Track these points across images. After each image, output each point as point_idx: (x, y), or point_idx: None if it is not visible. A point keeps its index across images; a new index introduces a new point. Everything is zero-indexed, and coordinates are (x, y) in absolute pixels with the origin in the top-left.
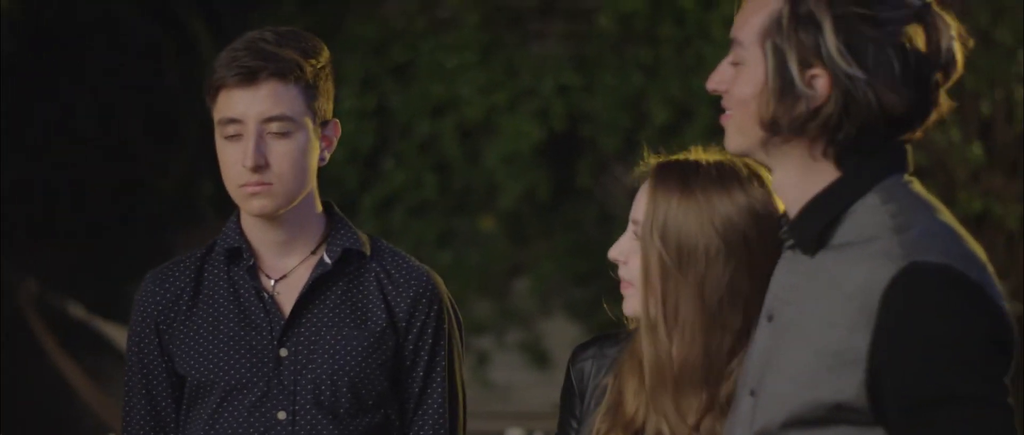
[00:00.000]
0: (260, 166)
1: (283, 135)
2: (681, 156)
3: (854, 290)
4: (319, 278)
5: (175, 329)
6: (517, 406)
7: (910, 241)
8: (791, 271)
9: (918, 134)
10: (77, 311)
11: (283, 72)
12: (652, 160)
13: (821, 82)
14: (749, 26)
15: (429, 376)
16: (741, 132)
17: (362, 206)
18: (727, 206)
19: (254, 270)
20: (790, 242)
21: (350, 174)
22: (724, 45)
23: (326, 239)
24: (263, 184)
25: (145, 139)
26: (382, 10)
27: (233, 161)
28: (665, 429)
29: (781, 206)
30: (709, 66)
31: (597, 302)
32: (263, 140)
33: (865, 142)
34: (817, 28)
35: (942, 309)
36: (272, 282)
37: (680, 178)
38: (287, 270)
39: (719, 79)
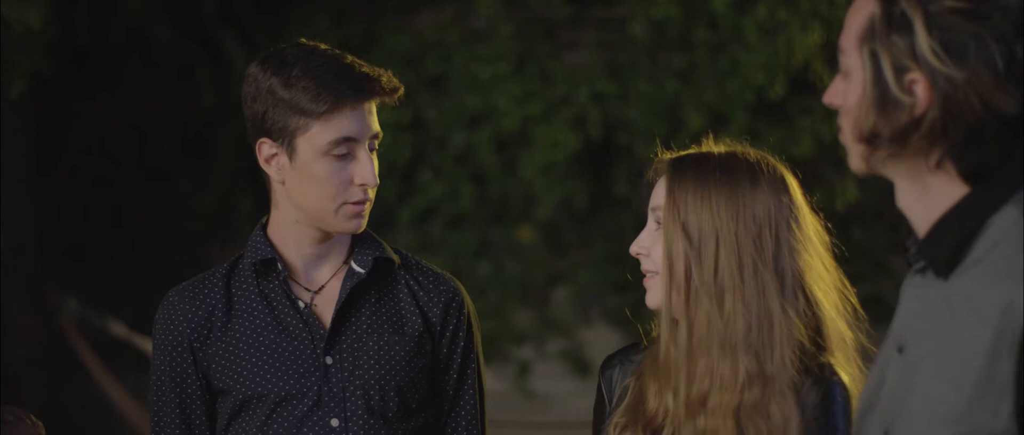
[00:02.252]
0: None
1: (374, 150)
2: (693, 150)
3: (995, 312)
4: (355, 287)
5: (210, 346)
6: (559, 415)
7: None
8: (921, 297)
9: None
10: (119, 330)
11: (384, 89)
12: (666, 155)
13: (920, 87)
14: (849, 31)
15: (462, 378)
16: (850, 150)
17: (400, 219)
18: (740, 194)
19: (286, 282)
20: (920, 264)
21: (387, 187)
22: (758, 50)
23: (352, 250)
24: (367, 201)
25: (181, 157)
26: (415, 22)
27: (341, 179)
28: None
29: (798, 193)
30: (743, 71)
31: (637, 309)
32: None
33: (987, 151)
34: (910, 28)
35: None
36: (309, 293)
37: (696, 170)
38: (321, 281)
39: (833, 93)
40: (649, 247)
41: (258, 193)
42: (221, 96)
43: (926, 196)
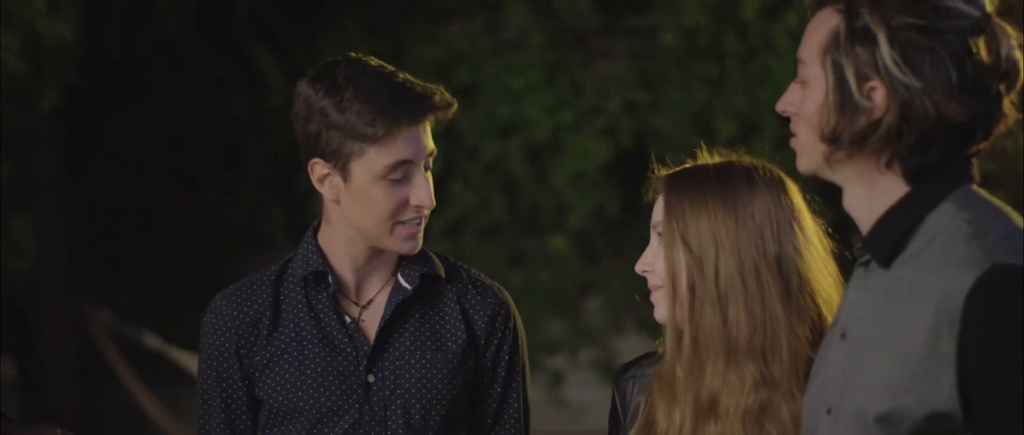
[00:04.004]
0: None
1: (428, 168)
2: (688, 164)
3: (935, 296)
4: (401, 304)
5: (256, 352)
6: (592, 425)
7: (990, 244)
8: (864, 287)
9: (984, 145)
10: (152, 340)
11: (438, 106)
12: (662, 172)
13: (879, 94)
14: (810, 44)
15: (507, 390)
16: (807, 151)
17: (432, 229)
18: (739, 201)
19: (335, 295)
20: (864, 258)
21: None
22: (788, 57)
23: (399, 263)
24: (420, 220)
25: (212, 167)
26: (446, 32)
27: (397, 202)
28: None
29: (798, 197)
30: (774, 78)
31: None
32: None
33: (931, 154)
34: (873, 41)
35: None
36: (358, 308)
37: (690, 182)
38: (369, 295)
39: (788, 101)
40: (653, 263)
41: (289, 202)
42: (252, 106)
43: (873, 196)
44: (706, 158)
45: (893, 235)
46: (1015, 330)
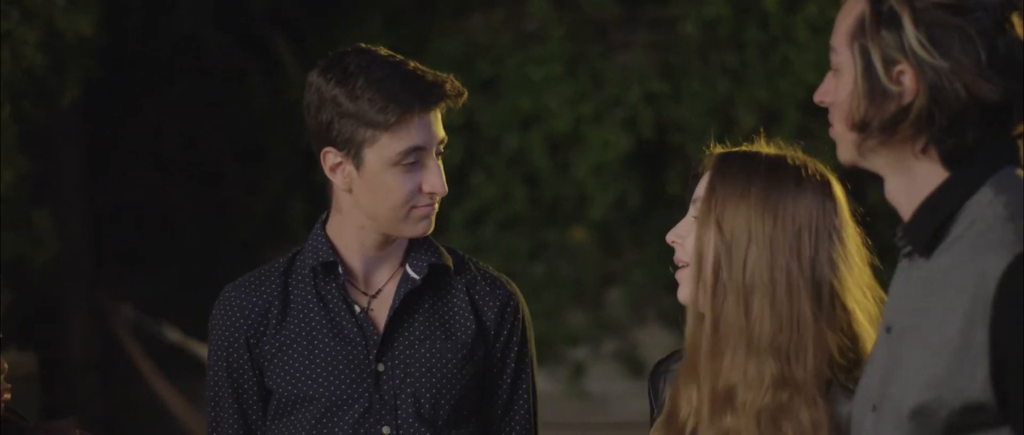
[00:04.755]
0: None
1: (440, 155)
2: (744, 148)
3: (969, 283)
4: (409, 293)
5: (265, 343)
6: (615, 416)
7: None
8: (907, 279)
9: None
10: (174, 335)
11: (449, 94)
12: (717, 150)
13: (908, 78)
14: (840, 31)
15: (516, 382)
16: (842, 141)
17: (453, 221)
18: (782, 200)
19: (344, 285)
20: (907, 249)
21: None
22: (809, 48)
23: (408, 253)
24: (433, 205)
25: (233, 161)
26: (467, 25)
27: (410, 188)
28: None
29: (845, 206)
30: (795, 69)
31: None
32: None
33: (966, 136)
34: (898, 24)
35: None
36: (367, 298)
37: (740, 168)
38: (378, 285)
39: (824, 91)
40: (684, 236)
41: (310, 196)
42: (272, 100)
43: (911, 184)
44: (762, 146)
45: (932, 223)
46: None
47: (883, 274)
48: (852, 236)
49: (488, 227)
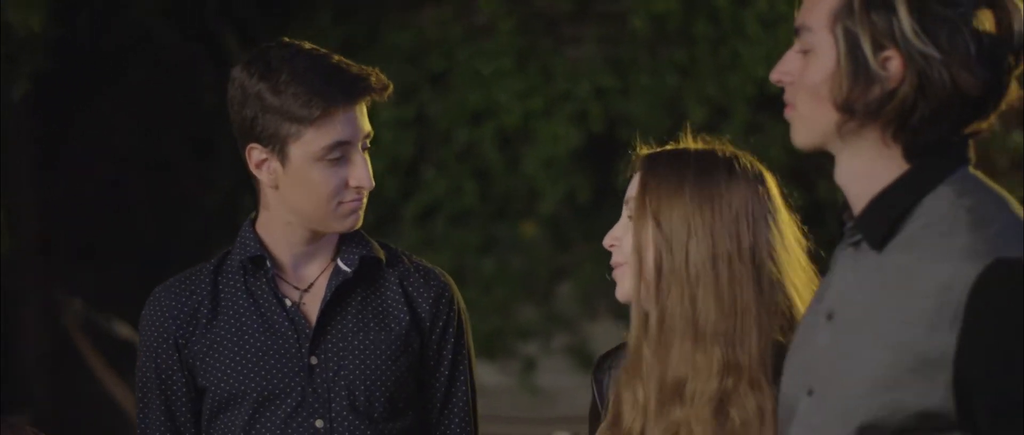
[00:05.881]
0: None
1: (366, 150)
2: (670, 146)
3: (934, 287)
4: (341, 286)
5: (195, 343)
6: (565, 410)
7: (992, 237)
8: (854, 268)
9: (986, 124)
10: (124, 330)
11: (374, 87)
12: (643, 150)
13: (894, 64)
14: (818, 11)
15: (454, 375)
16: (810, 122)
17: (404, 216)
18: (717, 190)
19: (274, 279)
20: (855, 238)
21: (390, 184)
22: (759, 42)
23: (339, 247)
24: (360, 200)
25: (186, 156)
26: (417, 19)
27: (336, 183)
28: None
29: (777, 193)
30: (745, 64)
31: None
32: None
33: (937, 130)
34: (890, 10)
35: None
36: (298, 292)
37: (670, 164)
38: (309, 279)
39: (785, 70)
40: (620, 238)
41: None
42: (224, 94)
43: (871, 172)
44: (689, 143)
45: (888, 217)
46: (1017, 327)
47: (826, 263)
48: (786, 221)
49: (439, 222)
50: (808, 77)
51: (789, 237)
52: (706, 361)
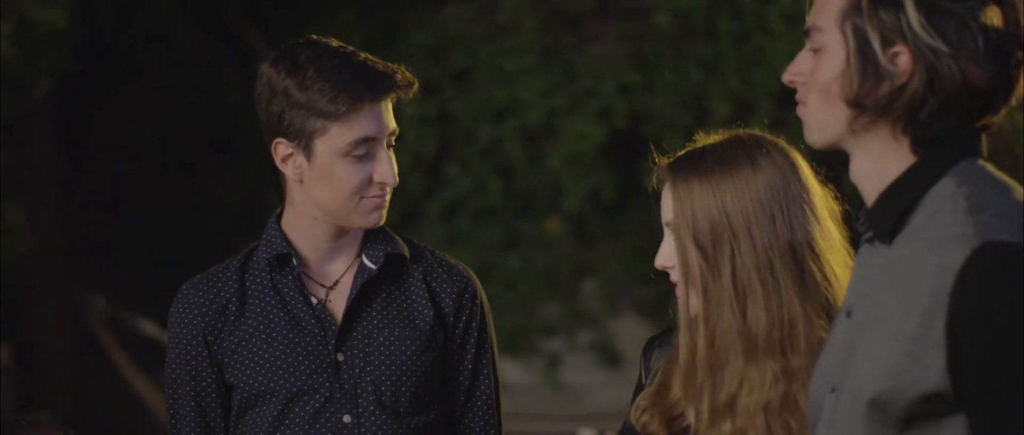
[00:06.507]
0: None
1: (391, 147)
2: (687, 148)
3: (929, 275)
4: (366, 283)
5: (224, 339)
6: (589, 407)
7: (983, 221)
8: (868, 264)
9: (997, 118)
10: (148, 327)
11: (399, 84)
12: (662, 162)
13: (903, 59)
14: (827, 10)
15: (477, 368)
16: (822, 120)
17: (427, 213)
18: (743, 179)
19: (300, 277)
20: (868, 234)
21: (414, 181)
22: (783, 38)
23: (364, 244)
24: (384, 196)
25: (207, 154)
26: (440, 16)
27: (361, 179)
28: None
29: (804, 169)
30: (768, 60)
31: (666, 300)
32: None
33: (946, 123)
34: (898, 6)
35: (1014, 289)
36: (324, 290)
37: (692, 166)
38: (335, 276)
39: (797, 70)
40: (670, 257)
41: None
42: (245, 92)
43: (881, 168)
44: (704, 139)
45: (894, 211)
46: (1005, 309)
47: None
48: (819, 197)
49: (463, 219)
50: (819, 75)
51: (825, 216)
52: (759, 375)
